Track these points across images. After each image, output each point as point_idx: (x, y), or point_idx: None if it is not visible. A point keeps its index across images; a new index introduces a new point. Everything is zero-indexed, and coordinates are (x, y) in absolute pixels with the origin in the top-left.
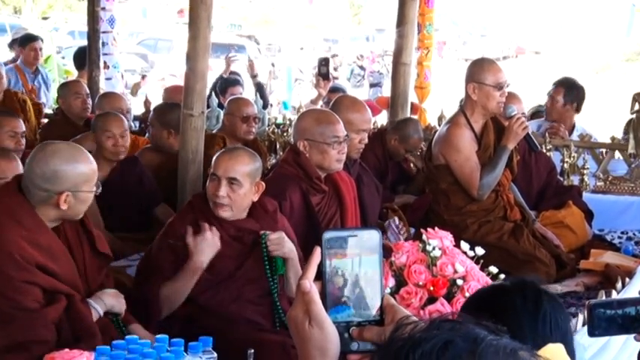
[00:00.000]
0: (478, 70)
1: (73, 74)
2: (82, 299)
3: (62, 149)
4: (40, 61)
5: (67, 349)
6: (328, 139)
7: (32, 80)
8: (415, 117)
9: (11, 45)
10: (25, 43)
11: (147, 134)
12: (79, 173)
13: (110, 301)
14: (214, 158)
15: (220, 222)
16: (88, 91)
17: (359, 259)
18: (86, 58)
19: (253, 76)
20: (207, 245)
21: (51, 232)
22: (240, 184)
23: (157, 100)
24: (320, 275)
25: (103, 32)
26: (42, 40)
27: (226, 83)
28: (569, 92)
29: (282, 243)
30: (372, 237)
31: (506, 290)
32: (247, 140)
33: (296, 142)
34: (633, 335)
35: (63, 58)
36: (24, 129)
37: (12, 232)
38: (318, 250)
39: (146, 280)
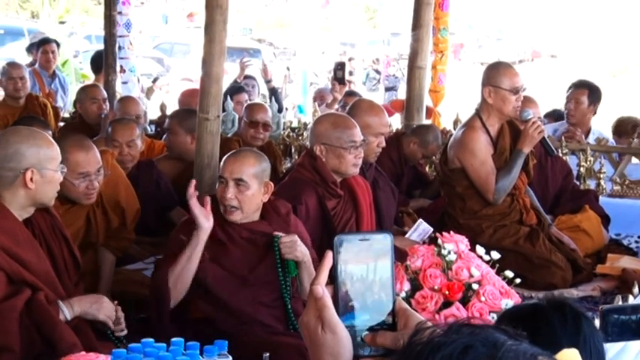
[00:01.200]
0: (494, 74)
1: (90, 78)
2: (51, 295)
3: (21, 130)
4: (55, 64)
5: (83, 352)
6: (345, 144)
7: (49, 84)
8: (431, 122)
9: (29, 49)
10: (39, 46)
11: (164, 138)
12: (41, 151)
13: (82, 307)
14: (222, 161)
15: (232, 224)
16: (105, 96)
17: (373, 264)
18: (103, 62)
19: (267, 81)
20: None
21: (17, 220)
22: (247, 185)
23: (171, 104)
24: (332, 279)
25: (120, 36)
26: (56, 43)
27: (232, 90)
28: (593, 93)
29: (295, 246)
30: (384, 241)
31: (545, 310)
32: (256, 145)
33: (312, 146)
34: None
35: (80, 62)
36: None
37: None
38: (330, 255)
39: (158, 279)
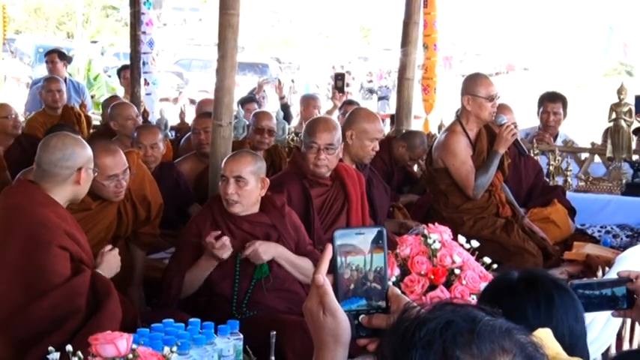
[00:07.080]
0: (472, 84)
1: (117, 90)
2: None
3: (68, 135)
4: (64, 71)
5: (109, 331)
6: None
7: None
8: (421, 130)
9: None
10: (45, 57)
11: (184, 139)
12: (87, 152)
13: (107, 269)
14: (223, 162)
15: (234, 218)
16: (137, 112)
17: (369, 255)
18: (127, 74)
19: (281, 98)
20: (224, 250)
21: (65, 209)
22: (246, 181)
23: (189, 112)
24: (332, 269)
25: (144, 53)
26: (58, 53)
27: (243, 100)
28: (565, 104)
29: (257, 255)
30: (377, 235)
31: (509, 280)
32: (262, 149)
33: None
34: (611, 312)
35: (109, 76)
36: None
37: (34, 208)
38: (329, 248)
39: (170, 269)
